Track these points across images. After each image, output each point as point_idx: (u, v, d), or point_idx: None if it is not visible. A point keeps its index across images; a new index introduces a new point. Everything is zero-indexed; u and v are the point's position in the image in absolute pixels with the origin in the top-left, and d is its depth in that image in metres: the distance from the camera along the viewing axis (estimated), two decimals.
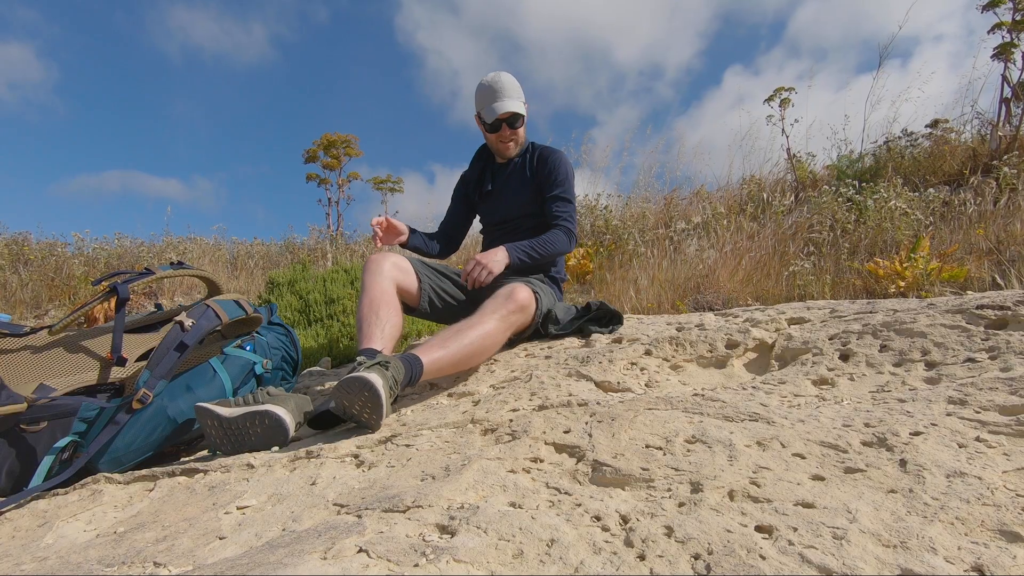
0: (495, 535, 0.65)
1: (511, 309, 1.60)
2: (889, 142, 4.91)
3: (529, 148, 2.01)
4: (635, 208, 5.14)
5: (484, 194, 2.06)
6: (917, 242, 2.68)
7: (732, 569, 0.56)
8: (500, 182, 2.02)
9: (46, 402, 1.22)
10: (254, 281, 5.33)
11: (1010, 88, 4.31)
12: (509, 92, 1.86)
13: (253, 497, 0.91)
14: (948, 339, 1.24)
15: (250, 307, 1.56)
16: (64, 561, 0.77)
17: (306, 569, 0.59)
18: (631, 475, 0.80)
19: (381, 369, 1.21)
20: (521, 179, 1.98)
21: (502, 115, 1.86)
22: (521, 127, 1.93)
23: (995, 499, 0.65)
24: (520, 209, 1.98)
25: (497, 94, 1.87)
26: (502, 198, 2.01)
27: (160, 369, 1.31)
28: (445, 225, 2.17)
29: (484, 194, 2.06)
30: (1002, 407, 0.91)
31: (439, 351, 1.40)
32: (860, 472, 0.75)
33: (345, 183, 7.65)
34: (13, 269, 5.22)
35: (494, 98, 1.87)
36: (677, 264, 3.56)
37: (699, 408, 1.03)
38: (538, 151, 1.99)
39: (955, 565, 0.55)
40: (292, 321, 2.89)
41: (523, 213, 1.98)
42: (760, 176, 5.36)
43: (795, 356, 1.40)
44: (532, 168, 1.97)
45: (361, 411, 1.18)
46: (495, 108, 1.86)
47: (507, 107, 1.84)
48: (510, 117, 1.87)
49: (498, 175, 2.04)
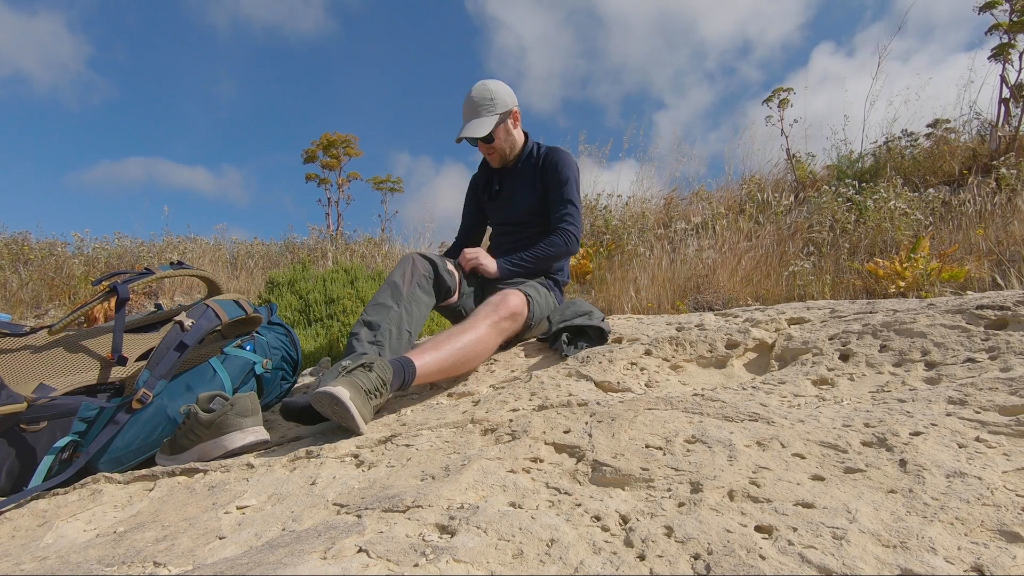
0: (495, 535, 0.65)
1: (502, 315, 1.61)
2: (889, 142, 4.92)
3: (534, 149, 2.01)
4: (635, 208, 5.15)
5: (492, 195, 2.07)
6: (917, 242, 2.69)
7: (732, 569, 0.56)
8: (508, 184, 2.03)
9: (46, 402, 1.22)
10: (254, 281, 5.33)
11: (1008, 88, 4.31)
12: (474, 112, 1.88)
13: (253, 497, 0.91)
14: (948, 339, 1.24)
15: (250, 307, 1.56)
16: (64, 561, 0.77)
17: (306, 569, 0.59)
18: (631, 475, 0.80)
19: (352, 378, 1.21)
20: (528, 181, 1.98)
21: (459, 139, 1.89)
22: (495, 140, 1.92)
23: (995, 499, 0.65)
24: (527, 211, 1.99)
25: (465, 115, 1.90)
26: (510, 200, 2.02)
27: (160, 369, 1.31)
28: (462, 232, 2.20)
29: (492, 195, 2.07)
30: (1002, 407, 0.91)
31: (432, 354, 1.41)
32: (860, 472, 0.75)
33: (345, 183, 7.65)
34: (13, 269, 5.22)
35: (463, 117, 1.90)
36: (677, 264, 3.56)
37: (699, 408, 1.03)
38: (543, 152, 1.98)
39: (955, 565, 0.55)
40: (292, 321, 2.89)
41: (530, 214, 1.99)
42: (760, 176, 5.37)
43: (795, 356, 1.40)
44: (539, 170, 1.97)
45: (339, 421, 1.20)
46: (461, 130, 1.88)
47: (466, 132, 1.86)
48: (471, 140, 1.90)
49: (506, 177, 2.04)
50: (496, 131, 1.90)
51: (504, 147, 1.95)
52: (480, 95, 1.87)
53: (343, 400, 1.15)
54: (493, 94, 1.87)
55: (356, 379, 1.21)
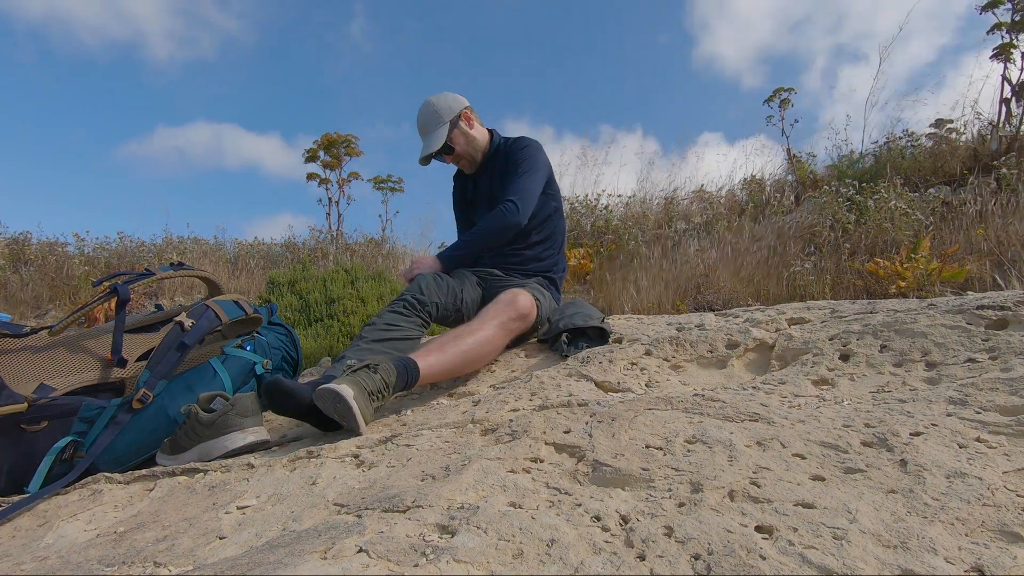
0: (495, 535, 0.65)
1: (511, 316, 1.59)
2: (890, 142, 4.91)
3: (502, 143, 2.00)
4: (635, 208, 5.14)
5: (470, 200, 2.09)
6: (917, 242, 2.69)
7: (732, 569, 0.56)
8: (484, 183, 2.03)
9: (46, 402, 1.22)
10: (254, 281, 5.33)
11: (1010, 88, 4.31)
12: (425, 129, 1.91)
13: (253, 497, 0.91)
14: (948, 339, 1.24)
15: (250, 307, 1.56)
16: (64, 561, 0.78)
17: (306, 569, 0.59)
18: (631, 475, 0.80)
19: (356, 377, 1.22)
20: (501, 174, 1.97)
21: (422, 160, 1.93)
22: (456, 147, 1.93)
23: (995, 499, 0.65)
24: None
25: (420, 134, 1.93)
26: (488, 198, 2.01)
27: (160, 369, 1.31)
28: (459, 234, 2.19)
29: (470, 200, 2.09)
30: (1002, 407, 0.91)
31: (436, 356, 1.41)
32: (860, 472, 0.75)
33: (345, 183, 7.65)
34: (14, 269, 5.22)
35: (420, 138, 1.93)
36: (677, 264, 3.56)
37: (699, 408, 1.03)
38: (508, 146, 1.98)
39: (955, 565, 0.54)
40: (292, 321, 2.89)
41: None
42: (761, 176, 5.37)
43: (795, 356, 1.40)
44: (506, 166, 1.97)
45: (339, 419, 1.20)
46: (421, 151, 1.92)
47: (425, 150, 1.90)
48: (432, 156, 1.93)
49: (481, 177, 2.04)
50: (452, 138, 1.91)
51: (468, 150, 1.95)
52: (425, 113, 1.91)
53: (347, 399, 1.15)
54: (435, 107, 1.90)
55: (360, 379, 1.21)
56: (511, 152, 1.94)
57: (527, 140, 1.96)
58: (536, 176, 1.89)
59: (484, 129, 2.01)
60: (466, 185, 2.10)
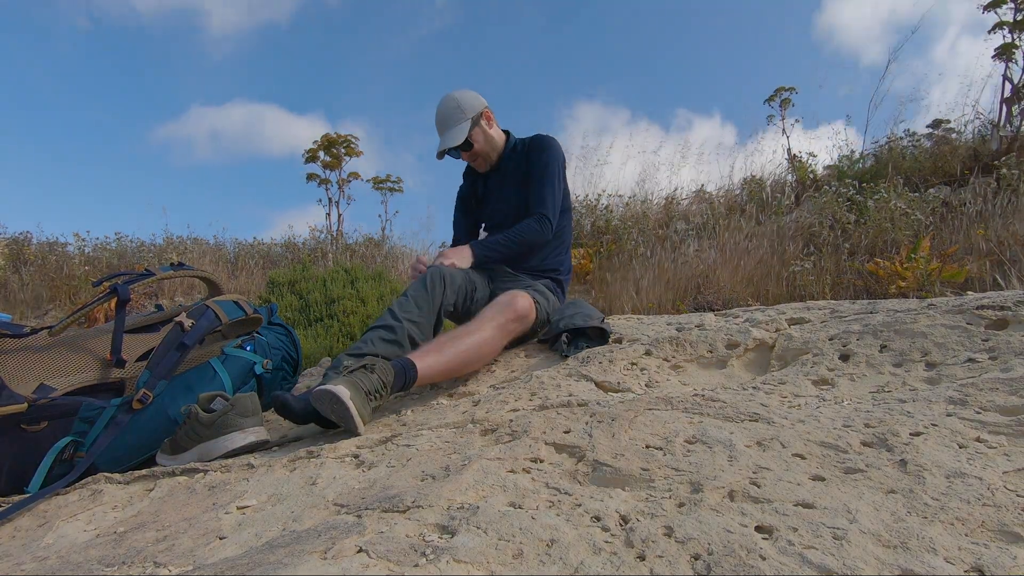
0: (495, 535, 0.65)
1: (509, 318, 1.59)
2: (891, 142, 4.91)
3: (517, 144, 2.00)
4: (635, 208, 5.15)
5: (480, 199, 2.08)
6: (917, 242, 2.69)
7: (732, 569, 0.56)
8: (496, 183, 2.03)
9: (46, 402, 1.22)
10: (254, 281, 5.33)
11: (1012, 87, 4.30)
12: (446, 124, 1.90)
13: (253, 497, 0.91)
14: (948, 339, 1.24)
15: (250, 307, 1.56)
16: (64, 561, 0.78)
17: (306, 569, 0.59)
18: (631, 475, 0.80)
19: (353, 378, 1.22)
20: (517, 175, 1.97)
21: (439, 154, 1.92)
22: (475, 144, 1.92)
23: (995, 500, 0.65)
24: (517, 210, 1.97)
25: (439, 131, 1.93)
26: (501, 198, 2.01)
27: (160, 369, 1.31)
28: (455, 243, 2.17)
29: (480, 199, 2.08)
30: (1002, 407, 0.91)
31: (435, 356, 1.41)
32: (860, 472, 0.75)
33: (345, 183, 7.65)
34: (14, 269, 5.22)
35: (439, 134, 1.93)
36: (677, 264, 3.56)
37: (699, 408, 1.03)
38: (525, 146, 1.98)
39: (955, 566, 0.54)
40: (292, 321, 2.89)
41: (521, 213, 1.98)
42: (761, 176, 5.37)
43: (795, 356, 1.39)
44: (525, 161, 1.97)
45: (337, 419, 1.20)
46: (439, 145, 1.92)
47: (444, 143, 1.89)
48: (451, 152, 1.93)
49: (492, 177, 2.04)
50: (473, 135, 1.91)
51: (486, 149, 1.96)
52: (447, 107, 1.90)
53: (343, 399, 1.16)
54: (459, 102, 1.90)
55: (357, 379, 1.22)
56: (530, 153, 1.94)
57: (546, 141, 1.95)
58: (559, 185, 1.94)
59: (501, 131, 2.02)
60: (476, 183, 2.09)
